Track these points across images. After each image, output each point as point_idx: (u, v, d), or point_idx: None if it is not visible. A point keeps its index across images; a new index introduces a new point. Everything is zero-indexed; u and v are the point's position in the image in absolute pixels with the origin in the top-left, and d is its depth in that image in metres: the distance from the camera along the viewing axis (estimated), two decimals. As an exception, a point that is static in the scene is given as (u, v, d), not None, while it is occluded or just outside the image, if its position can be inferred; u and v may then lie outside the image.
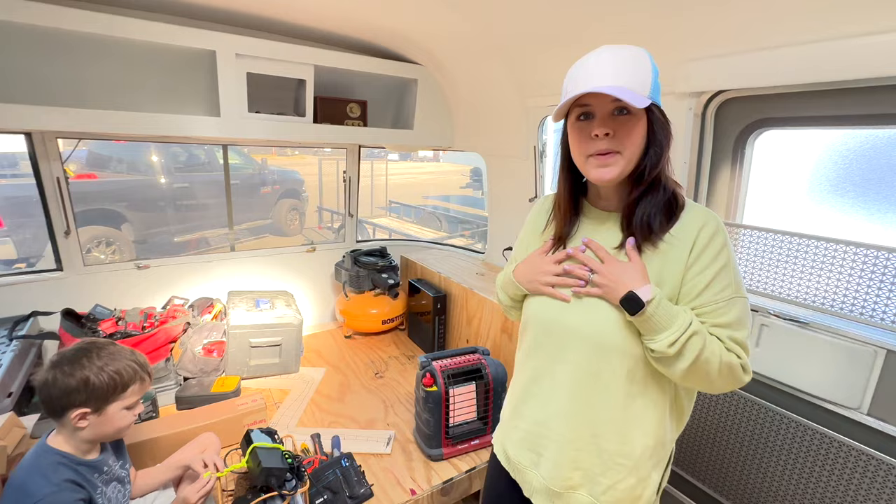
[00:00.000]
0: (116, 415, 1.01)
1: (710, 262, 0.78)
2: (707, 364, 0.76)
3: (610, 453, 0.87)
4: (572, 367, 0.88)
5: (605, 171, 0.79)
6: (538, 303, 0.95)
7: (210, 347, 1.81)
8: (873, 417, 1.16)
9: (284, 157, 11.43)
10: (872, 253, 1.13)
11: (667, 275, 0.81)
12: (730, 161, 1.37)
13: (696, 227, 0.80)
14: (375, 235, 7.77)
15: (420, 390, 1.50)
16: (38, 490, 0.88)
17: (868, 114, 1.09)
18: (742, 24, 1.12)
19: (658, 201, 0.81)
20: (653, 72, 0.77)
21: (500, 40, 1.70)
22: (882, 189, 1.17)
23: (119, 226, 6.10)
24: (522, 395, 0.99)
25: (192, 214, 6.83)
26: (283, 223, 7.92)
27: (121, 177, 6.62)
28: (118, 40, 1.57)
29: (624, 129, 0.77)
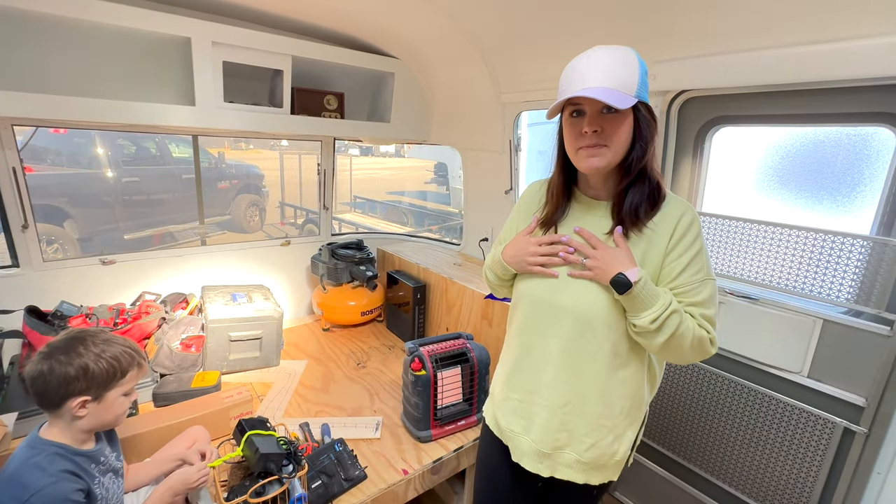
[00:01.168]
0: (115, 401, 1.00)
1: (686, 248, 0.89)
2: (682, 338, 0.87)
3: (594, 416, 0.97)
4: (562, 341, 0.96)
5: (594, 161, 0.88)
6: (530, 283, 1.03)
7: (188, 342, 1.77)
8: (812, 379, 1.33)
9: (239, 152, 10.99)
10: (811, 235, 1.30)
11: (649, 258, 0.91)
12: (691, 154, 1.50)
13: (675, 216, 0.90)
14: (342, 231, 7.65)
15: (409, 375, 1.55)
16: (37, 482, 0.86)
17: (809, 113, 1.25)
18: (703, 30, 1.24)
19: (644, 192, 0.90)
20: (640, 71, 0.85)
21: (476, 37, 1.76)
22: (818, 180, 1.34)
23: (61, 223, 5.69)
24: (514, 367, 1.07)
25: (144, 210, 6.47)
26: (242, 219, 7.64)
27: (60, 170, 6.15)
28: (85, 23, 1.49)
29: (611, 125, 0.86)
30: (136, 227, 6.39)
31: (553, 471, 1.02)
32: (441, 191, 9.94)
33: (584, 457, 0.98)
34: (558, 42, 1.54)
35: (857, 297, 1.24)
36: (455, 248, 2.65)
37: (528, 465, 1.04)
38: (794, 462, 1.39)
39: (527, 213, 1.09)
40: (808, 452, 1.35)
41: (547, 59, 1.64)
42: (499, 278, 1.12)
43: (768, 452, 1.44)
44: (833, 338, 1.28)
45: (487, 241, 2.34)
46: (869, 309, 1.21)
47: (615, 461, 1.01)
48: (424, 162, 11.59)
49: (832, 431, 1.30)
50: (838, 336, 1.27)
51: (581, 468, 1.00)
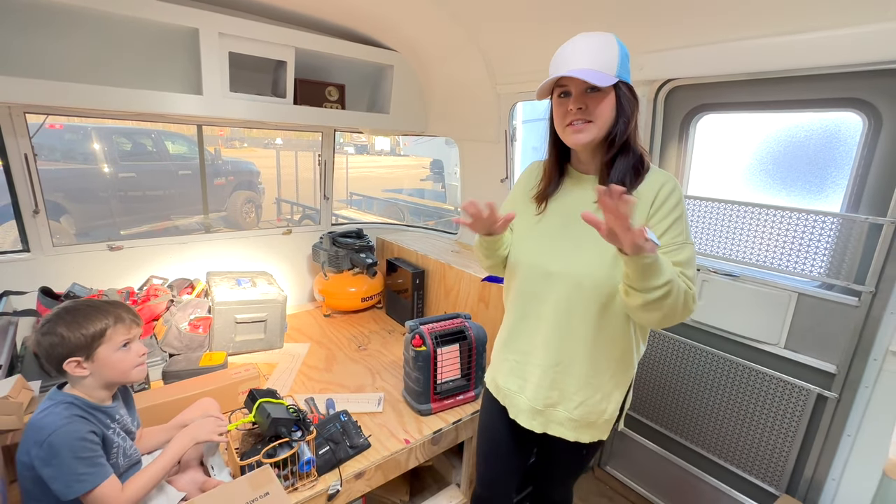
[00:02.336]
0: (111, 357, 1.04)
1: (668, 212, 0.97)
2: (679, 296, 0.88)
3: (583, 374, 1.05)
4: (553, 305, 1.04)
5: (580, 136, 0.96)
6: (523, 251, 1.11)
7: (196, 323, 1.83)
8: (789, 350, 1.42)
9: (233, 150, 11.00)
10: (787, 214, 1.39)
11: (634, 222, 0.98)
12: (677, 140, 1.59)
13: (657, 185, 0.98)
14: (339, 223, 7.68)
15: (410, 351, 1.63)
16: (52, 423, 0.95)
17: (785, 100, 1.33)
18: (688, 23, 1.33)
19: (628, 163, 0.98)
20: (619, 54, 0.93)
21: (473, 30, 1.84)
22: (793, 163, 1.43)
23: (58, 218, 5.70)
24: (511, 332, 1.15)
25: (140, 206, 6.48)
26: (237, 216, 7.67)
27: (55, 165, 6.16)
28: (97, 13, 1.55)
29: (594, 102, 0.93)
30: (133, 222, 6.40)
31: (545, 427, 1.10)
32: (437, 188, 10.00)
33: (573, 414, 1.06)
34: (552, 34, 1.62)
35: (828, 270, 1.33)
36: (452, 237, 2.73)
37: (524, 421, 1.12)
38: (772, 428, 1.48)
39: (524, 189, 1.17)
40: (785, 419, 1.44)
41: (541, 50, 1.71)
42: (483, 256, 1.17)
43: (749, 421, 1.53)
44: (807, 310, 1.37)
45: (484, 228, 2.41)
46: (839, 282, 1.30)
47: (604, 420, 1.09)
48: (420, 160, 11.65)
49: (807, 398, 1.39)
50: (812, 308, 1.36)
51: (572, 425, 1.08)
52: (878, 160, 1.20)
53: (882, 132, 1.19)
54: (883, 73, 1.14)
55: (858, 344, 1.28)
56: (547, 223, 1.09)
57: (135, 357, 1.08)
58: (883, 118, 1.17)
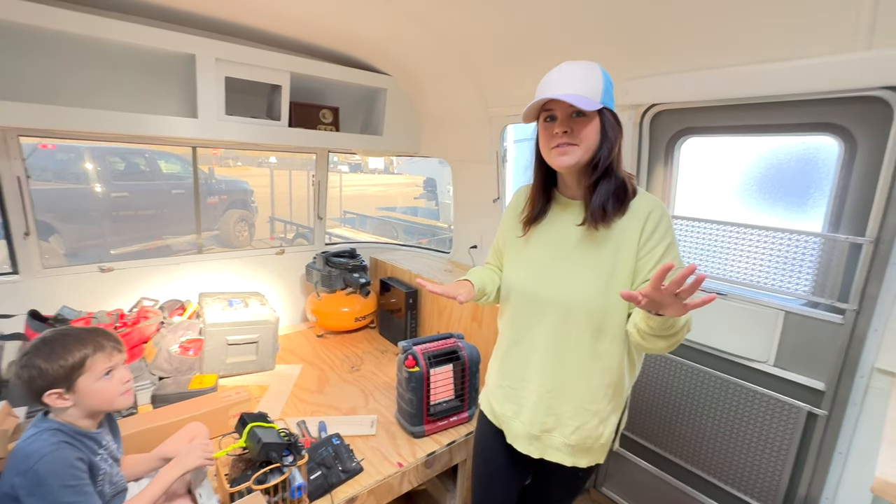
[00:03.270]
0: (93, 387, 1.02)
1: (659, 240, 0.98)
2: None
3: (578, 399, 1.05)
4: (546, 332, 1.05)
5: (564, 158, 0.98)
6: (517, 277, 1.12)
7: (186, 345, 1.81)
8: (778, 367, 1.44)
9: (226, 169, 11.03)
10: (772, 234, 1.42)
11: (623, 249, 1.00)
12: (662, 162, 1.63)
13: (645, 211, 1.00)
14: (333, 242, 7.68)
15: (403, 372, 1.62)
16: (38, 450, 0.93)
17: (765, 124, 1.38)
18: (671, 50, 1.38)
19: (610, 188, 0.99)
20: (604, 82, 0.96)
21: (465, 55, 1.90)
22: (775, 184, 1.47)
23: (47, 238, 5.65)
24: (505, 357, 1.16)
25: (132, 225, 6.45)
26: (230, 235, 7.64)
27: (46, 185, 6.13)
28: (94, 39, 1.58)
29: (579, 126, 0.96)
30: (124, 241, 6.35)
31: (542, 453, 1.09)
32: (430, 206, 10.07)
33: (570, 439, 1.06)
34: (541, 61, 1.67)
35: (813, 289, 1.36)
36: (445, 256, 2.75)
37: (520, 446, 1.11)
38: (765, 446, 1.48)
39: (515, 215, 1.19)
40: (777, 437, 1.45)
41: (531, 76, 1.77)
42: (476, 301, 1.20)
43: (742, 439, 1.54)
44: (794, 328, 1.39)
45: (476, 248, 2.43)
46: (824, 300, 1.33)
47: (600, 444, 1.08)
48: (413, 178, 11.75)
49: (797, 416, 1.40)
50: (799, 326, 1.38)
51: (568, 451, 1.08)
52: (855, 182, 1.25)
53: (857, 155, 1.23)
54: (855, 100, 1.19)
55: (845, 361, 1.30)
56: (536, 249, 1.10)
57: (118, 385, 1.06)
58: (857, 142, 1.22)
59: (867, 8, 1.03)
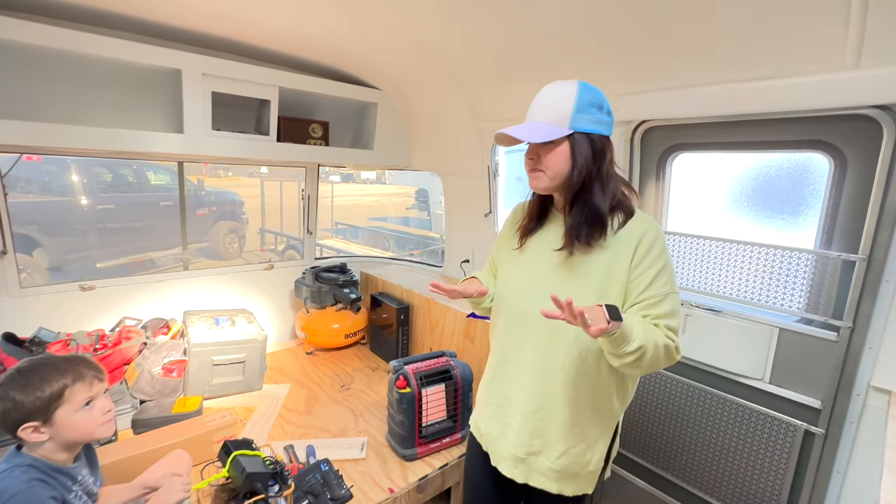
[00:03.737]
0: (72, 418, 0.97)
1: (651, 263, 0.96)
2: (657, 351, 0.91)
3: (565, 422, 1.02)
4: (533, 348, 1.03)
5: (534, 182, 1.01)
6: (507, 292, 1.10)
7: (170, 367, 1.75)
8: (774, 385, 1.42)
9: (217, 179, 10.94)
10: (764, 250, 1.42)
11: (615, 270, 0.98)
12: (654, 178, 1.63)
13: (638, 233, 0.98)
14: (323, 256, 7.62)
15: (394, 393, 1.58)
16: (11, 488, 0.87)
17: (755, 141, 1.39)
18: (660, 68, 1.38)
19: (581, 215, 0.97)
20: (576, 104, 0.93)
21: (455, 71, 1.89)
22: (766, 200, 1.47)
23: (30, 252, 5.52)
24: (493, 374, 1.14)
25: (119, 238, 6.33)
26: (220, 247, 7.55)
27: (30, 198, 6.02)
28: (77, 55, 1.55)
29: (543, 152, 0.96)
30: (110, 255, 6.23)
31: (527, 477, 1.06)
32: (422, 216, 10.05)
33: (556, 464, 1.03)
34: (532, 76, 1.67)
35: (807, 305, 1.35)
36: (437, 270, 2.72)
37: (505, 469, 1.08)
38: (762, 465, 1.46)
39: (511, 230, 1.17)
40: (775, 455, 1.43)
41: (520, 91, 1.76)
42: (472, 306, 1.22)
43: (739, 458, 1.51)
44: (789, 345, 1.38)
45: (469, 262, 2.41)
46: (818, 317, 1.32)
47: (588, 471, 1.05)
48: (405, 188, 11.74)
49: (794, 434, 1.38)
50: (793, 343, 1.37)
51: (554, 476, 1.04)
52: (847, 199, 1.25)
53: (848, 173, 1.23)
54: (845, 118, 1.20)
55: (841, 379, 1.29)
56: (528, 261, 1.09)
57: (99, 415, 1.01)
58: (847, 160, 1.22)
59: (855, 28, 1.03)
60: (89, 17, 1.60)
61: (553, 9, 1.32)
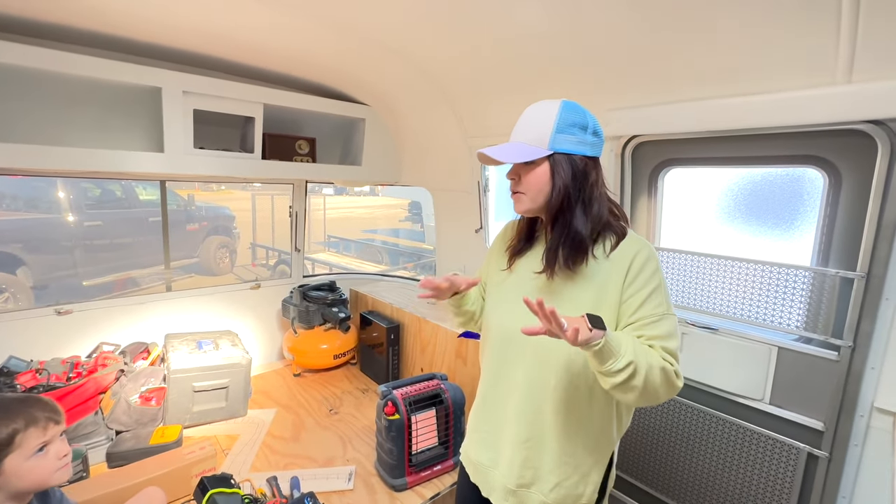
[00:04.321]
0: (23, 466, 0.90)
1: (644, 283, 0.92)
2: (652, 373, 0.83)
3: (556, 452, 0.97)
4: (524, 375, 0.98)
5: (518, 206, 0.99)
6: (497, 313, 1.05)
7: (148, 395, 1.68)
8: (774, 405, 1.38)
9: (210, 193, 10.86)
10: (760, 267, 1.38)
11: (607, 292, 0.94)
12: (646, 193, 1.60)
13: (631, 253, 0.94)
14: (315, 271, 7.55)
15: (382, 420, 1.51)
16: None
17: (748, 156, 1.36)
18: (650, 82, 1.36)
19: (561, 237, 0.93)
20: (557, 124, 0.90)
21: (443, 86, 1.87)
22: (760, 215, 1.44)
23: (14, 270, 5.40)
24: (484, 399, 1.09)
25: (107, 255, 6.23)
26: (211, 262, 7.46)
27: (16, 215, 5.91)
28: (53, 74, 1.50)
29: (524, 173, 0.94)
30: (98, 272, 6.12)
31: None
32: (416, 228, 10.02)
33: (548, 497, 0.97)
34: (520, 92, 1.65)
35: (805, 324, 1.32)
36: (428, 287, 2.66)
37: (497, 501, 1.03)
38: (765, 489, 1.41)
39: (501, 247, 1.13)
40: (778, 479, 1.38)
41: (508, 106, 1.74)
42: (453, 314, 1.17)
43: (741, 481, 1.46)
44: (788, 364, 1.34)
45: (460, 278, 2.36)
46: (817, 335, 1.28)
47: None
48: (399, 200, 11.73)
49: (797, 457, 1.33)
50: (793, 362, 1.33)
51: None
52: (842, 214, 1.22)
53: (842, 188, 1.21)
54: (838, 133, 1.18)
55: (843, 400, 1.25)
56: (516, 282, 1.04)
57: (53, 461, 0.94)
58: (842, 175, 1.20)
59: (846, 42, 1.01)
60: (66, 35, 1.55)
61: (541, 24, 1.30)
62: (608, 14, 1.19)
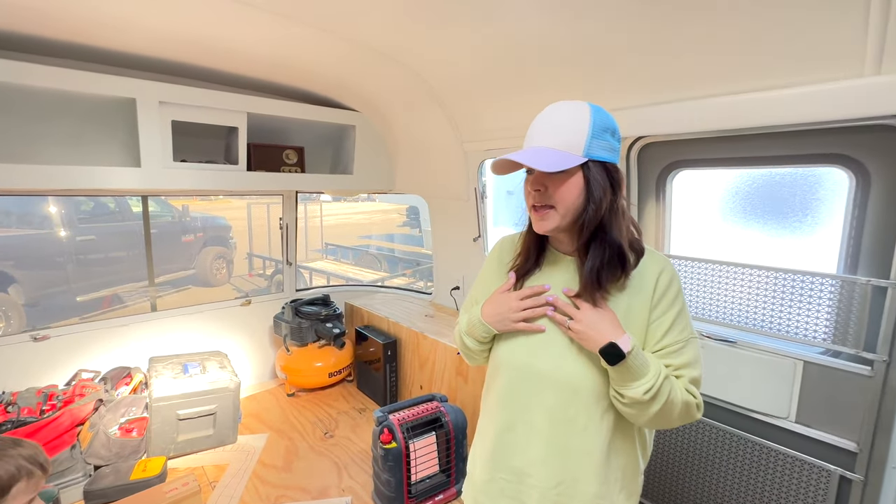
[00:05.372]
0: None
1: (669, 306, 0.83)
2: (672, 405, 0.79)
3: (591, 495, 0.86)
4: (548, 412, 0.87)
5: (542, 224, 0.84)
6: (508, 347, 0.94)
7: (128, 426, 1.57)
8: (801, 424, 1.27)
9: (207, 203, 10.77)
10: (781, 275, 1.28)
11: (633, 316, 0.84)
12: (654, 198, 1.50)
13: (655, 273, 0.85)
14: (312, 281, 7.45)
15: (378, 448, 1.41)
16: None
17: (764, 156, 1.26)
18: (656, 80, 1.27)
19: (603, 255, 0.83)
20: (591, 128, 0.80)
21: (436, 89, 1.77)
22: (779, 219, 1.34)
23: (5, 288, 5.30)
24: (497, 444, 0.96)
25: (100, 270, 6.13)
26: (208, 273, 7.36)
27: (8, 232, 5.82)
28: (19, 88, 1.40)
29: (554, 184, 0.81)
30: (91, 287, 6.02)
31: None
32: (414, 233, 9.93)
33: None
34: (516, 93, 1.55)
35: (833, 336, 1.22)
36: (426, 298, 2.56)
37: None
38: (793, 516, 1.30)
39: (499, 268, 1.02)
40: (807, 501, 1.27)
41: (506, 108, 1.64)
42: (479, 342, 1.01)
43: (761, 502, 1.36)
44: (816, 380, 1.24)
45: (459, 289, 2.26)
46: (847, 349, 1.18)
47: None
48: (396, 206, 11.64)
49: (828, 480, 1.23)
50: (820, 378, 1.23)
51: None
52: (872, 218, 1.12)
53: (872, 189, 1.11)
54: (866, 129, 1.08)
55: (878, 418, 1.14)
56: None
57: None
58: (871, 175, 1.10)
59: (876, 30, 0.91)
60: (32, 46, 1.46)
61: (540, 21, 1.20)
62: (608, 4, 1.09)
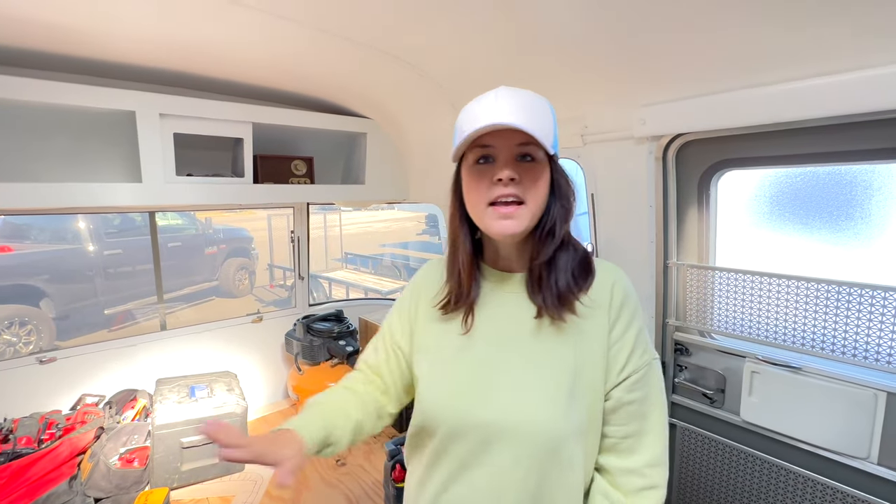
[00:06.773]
0: None
1: (628, 324, 0.69)
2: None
3: None
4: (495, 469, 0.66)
5: (509, 225, 0.65)
6: (442, 393, 0.72)
7: (129, 457, 1.49)
8: (884, 467, 1.07)
9: (231, 214, 11.00)
10: (863, 292, 1.09)
11: (589, 342, 0.68)
12: (696, 203, 1.33)
13: (607, 284, 0.70)
14: (331, 291, 7.43)
15: (390, 487, 1.28)
16: None
17: (828, 151, 1.09)
18: (695, 69, 1.11)
19: (573, 261, 0.69)
20: (553, 119, 0.70)
21: (449, 93, 1.65)
22: (838, 221, 1.16)
23: (37, 303, 5.47)
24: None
25: (126, 283, 6.28)
26: (230, 284, 7.46)
27: (42, 247, 6.03)
28: (15, 103, 1.36)
29: (529, 176, 0.66)
30: (118, 300, 6.17)
31: None
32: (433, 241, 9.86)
33: None
34: (536, 87, 1.41)
35: (924, 364, 1.02)
36: (444, 312, 2.43)
37: None
38: (878, 576, 1.10)
39: (425, 306, 0.79)
40: (894, 563, 1.07)
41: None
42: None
43: (841, 561, 1.16)
44: (903, 415, 1.04)
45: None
46: (943, 379, 0.99)
47: None
48: (416, 213, 11.61)
49: (921, 536, 1.03)
50: (909, 413, 1.03)
51: None
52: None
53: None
54: (965, 116, 0.89)
55: None
56: (482, 347, 0.72)
57: None
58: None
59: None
60: (26, 59, 1.41)
61: (559, 9, 1.07)
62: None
